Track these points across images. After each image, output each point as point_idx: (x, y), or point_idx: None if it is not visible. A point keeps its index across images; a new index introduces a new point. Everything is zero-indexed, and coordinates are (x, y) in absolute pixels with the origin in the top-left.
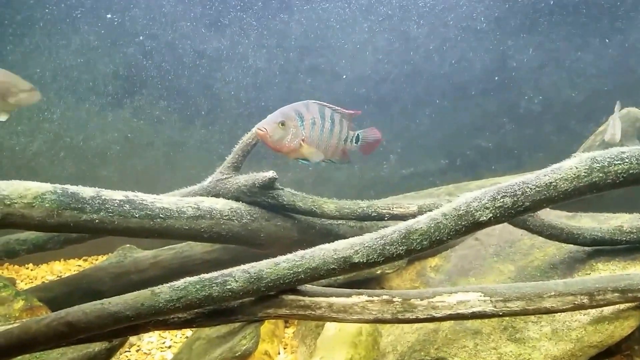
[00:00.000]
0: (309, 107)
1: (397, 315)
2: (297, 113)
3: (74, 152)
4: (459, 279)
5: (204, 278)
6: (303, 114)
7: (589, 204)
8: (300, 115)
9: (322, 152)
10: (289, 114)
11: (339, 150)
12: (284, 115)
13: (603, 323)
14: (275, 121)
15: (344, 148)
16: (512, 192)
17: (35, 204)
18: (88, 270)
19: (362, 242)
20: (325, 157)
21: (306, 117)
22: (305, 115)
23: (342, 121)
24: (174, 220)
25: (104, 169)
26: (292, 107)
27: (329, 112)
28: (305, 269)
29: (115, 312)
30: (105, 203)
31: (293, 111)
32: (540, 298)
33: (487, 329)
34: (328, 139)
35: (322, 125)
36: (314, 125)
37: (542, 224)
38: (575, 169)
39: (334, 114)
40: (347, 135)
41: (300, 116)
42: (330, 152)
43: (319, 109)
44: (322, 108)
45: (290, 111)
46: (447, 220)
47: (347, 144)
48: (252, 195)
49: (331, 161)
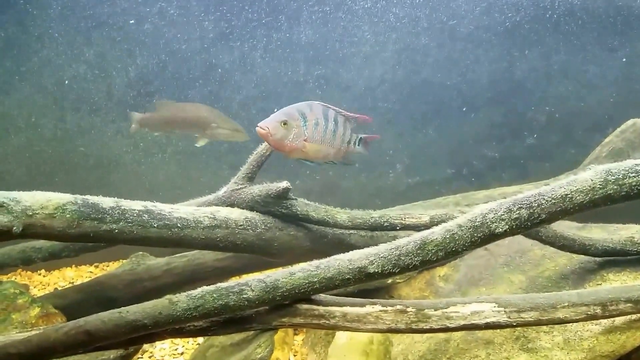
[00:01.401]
0: (313, 107)
1: (411, 326)
2: (300, 113)
3: (88, 160)
4: (469, 289)
5: (220, 287)
6: (306, 114)
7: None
8: (304, 115)
9: (325, 154)
10: (292, 114)
11: (342, 152)
12: (286, 115)
13: (615, 333)
14: (277, 120)
15: (347, 150)
16: (528, 204)
17: (57, 214)
18: (102, 278)
19: (377, 252)
20: (327, 159)
21: (309, 117)
22: (308, 115)
23: (346, 123)
24: (191, 230)
25: (116, 177)
26: (295, 106)
27: (332, 113)
28: (320, 279)
29: (133, 320)
30: (124, 213)
31: (296, 111)
32: (554, 309)
33: (499, 339)
34: (331, 140)
35: (325, 126)
36: (317, 125)
37: (554, 234)
38: (591, 181)
39: (338, 116)
40: (350, 137)
41: (304, 116)
42: (333, 154)
43: (322, 110)
44: (326, 109)
45: (294, 111)
46: (463, 232)
47: (350, 146)
48: (266, 205)
49: (333, 163)
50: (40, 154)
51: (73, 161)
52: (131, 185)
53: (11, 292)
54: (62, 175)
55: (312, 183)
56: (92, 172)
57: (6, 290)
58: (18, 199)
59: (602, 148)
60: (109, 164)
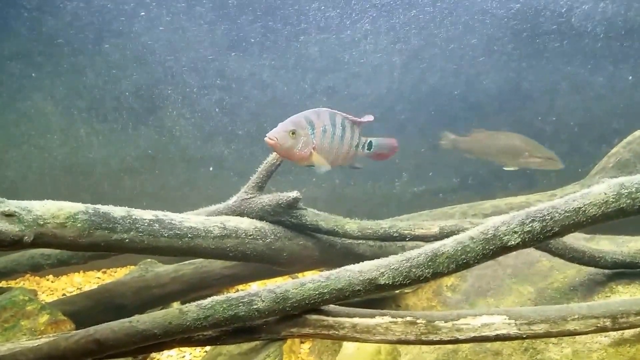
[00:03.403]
0: (320, 114)
1: (420, 337)
2: (307, 121)
3: (95, 168)
4: (477, 300)
5: (230, 297)
6: (314, 121)
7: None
8: (311, 122)
9: (333, 159)
10: (300, 122)
11: (350, 157)
12: (294, 124)
13: (624, 345)
14: (285, 130)
15: (355, 154)
16: (541, 216)
17: (68, 224)
18: (110, 285)
19: (388, 264)
20: (336, 164)
21: (317, 124)
22: (316, 123)
23: (354, 127)
24: (202, 240)
25: (125, 185)
26: (302, 115)
27: (339, 118)
28: (330, 290)
29: (143, 330)
30: (135, 223)
31: (303, 119)
32: (564, 321)
33: (507, 350)
34: (339, 146)
35: (332, 133)
36: (325, 132)
37: (564, 247)
38: (604, 195)
39: (345, 121)
40: (358, 141)
41: (311, 124)
42: (341, 159)
43: (329, 116)
44: (333, 115)
45: (301, 119)
46: (475, 244)
47: (358, 150)
48: (276, 215)
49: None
50: (51, 161)
51: (83, 169)
52: (140, 194)
53: (20, 299)
54: (72, 183)
55: (318, 191)
56: (102, 180)
57: (15, 297)
58: (29, 208)
59: (609, 159)
60: (118, 172)
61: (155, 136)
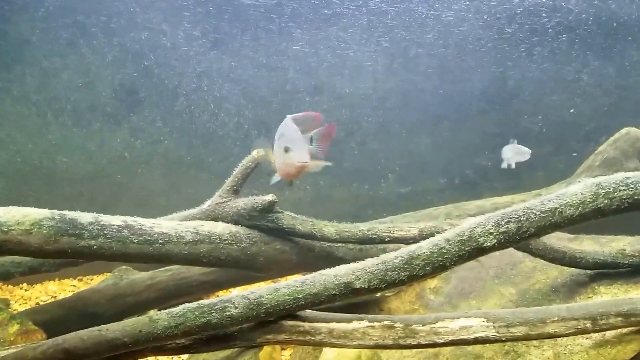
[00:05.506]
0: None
1: (398, 341)
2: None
3: (70, 172)
4: (459, 302)
5: (202, 304)
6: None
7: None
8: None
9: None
10: (299, 134)
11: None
12: (302, 139)
13: (605, 347)
14: (304, 146)
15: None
16: (516, 217)
17: (33, 230)
18: (84, 292)
19: (364, 267)
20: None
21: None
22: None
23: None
24: (173, 246)
25: (101, 190)
26: (292, 127)
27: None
28: (305, 295)
29: (112, 338)
30: (103, 229)
31: (294, 131)
32: (544, 323)
33: (488, 353)
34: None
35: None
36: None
37: (544, 247)
38: (581, 195)
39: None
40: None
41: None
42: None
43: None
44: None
45: (296, 132)
46: (451, 246)
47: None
48: (252, 219)
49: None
50: (22, 166)
51: (57, 174)
52: (117, 198)
53: None
54: (45, 189)
55: (302, 193)
56: (77, 185)
57: None
58: None
59: (596, 157)
60: (94, 177)
61: (131, 139)
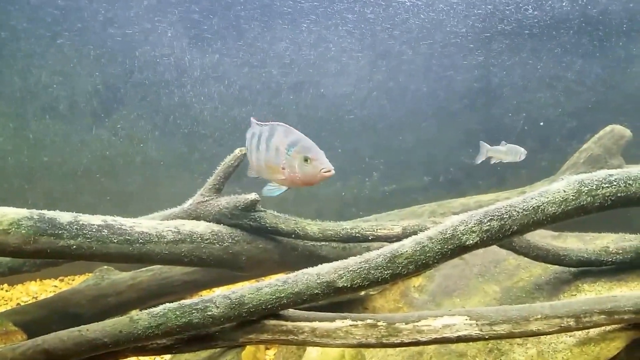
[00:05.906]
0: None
1: (381, 340)
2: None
3: (51, 171)
4: (443, 300)
5: (183, 304)
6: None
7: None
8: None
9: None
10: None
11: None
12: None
13: (589, 345)
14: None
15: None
16: (499, 215)
17: (11, 230)
18: (65, 293)
19: (346, 266)
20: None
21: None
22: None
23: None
24: (154, 245)
25: (82, 189)
26: (301, 135)
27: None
28: (288, 294)
29: (93, 339)
30: (83, 229)
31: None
32: (527, 321)
33: (472, 352)
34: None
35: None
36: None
37: (528, 245)
38: (563, 192)
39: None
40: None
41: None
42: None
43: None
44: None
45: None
46: (433, 244)
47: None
48: (234, 218)
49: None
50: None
51: (37, 172)
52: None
53: None
54: (24, 188)
55: (286, 192)
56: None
57: None
58: None
59: (580, 154)
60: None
61: (112, 137)
